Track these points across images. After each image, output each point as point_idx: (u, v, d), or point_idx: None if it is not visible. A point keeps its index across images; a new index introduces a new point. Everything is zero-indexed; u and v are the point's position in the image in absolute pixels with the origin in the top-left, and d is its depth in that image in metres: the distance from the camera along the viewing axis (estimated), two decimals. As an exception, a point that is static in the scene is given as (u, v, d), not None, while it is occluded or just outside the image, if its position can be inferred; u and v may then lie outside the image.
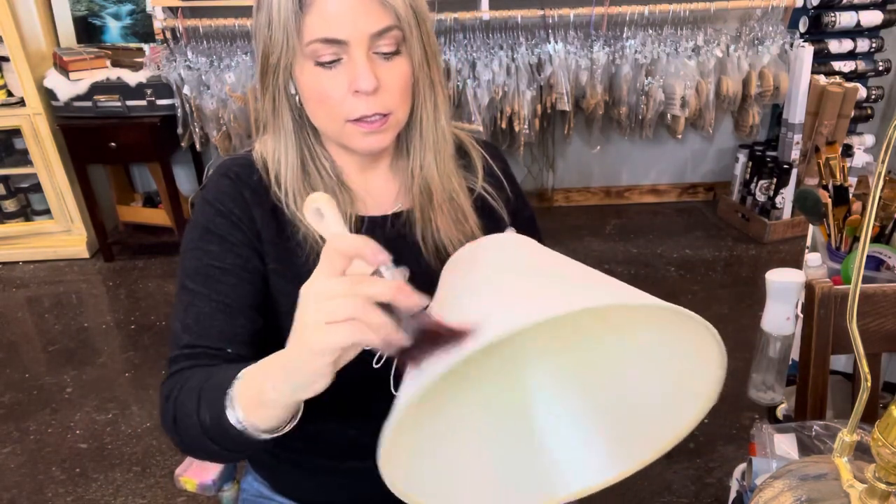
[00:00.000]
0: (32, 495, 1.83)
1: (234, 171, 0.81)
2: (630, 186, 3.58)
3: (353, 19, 0.69)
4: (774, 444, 0.83)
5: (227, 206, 0.79)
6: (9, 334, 2.59)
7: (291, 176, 0.79)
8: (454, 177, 0.85)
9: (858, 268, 0.49)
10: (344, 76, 0.72)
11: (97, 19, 2.98)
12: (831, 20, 2.92)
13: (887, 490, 0.52)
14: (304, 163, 0.80)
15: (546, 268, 0.60)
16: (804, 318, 0.97)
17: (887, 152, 0.45)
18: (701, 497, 1.76)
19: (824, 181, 1.34)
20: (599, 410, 0.67)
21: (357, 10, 0.69)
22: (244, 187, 0.80)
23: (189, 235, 0.80)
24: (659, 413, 0.63)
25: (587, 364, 0.68)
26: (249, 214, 0.79)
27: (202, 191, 0.82)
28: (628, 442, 0.65)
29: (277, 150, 0.80)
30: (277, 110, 0.78)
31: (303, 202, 0.79)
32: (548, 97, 2.91)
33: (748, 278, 2.81)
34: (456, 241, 0.84)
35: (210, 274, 0.76)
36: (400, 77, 0.74)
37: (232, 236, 0.77)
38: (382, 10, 0.70)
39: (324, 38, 0.70)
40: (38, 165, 2.90)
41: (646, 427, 0.64)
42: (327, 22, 0.69)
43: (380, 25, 0.70)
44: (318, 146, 0.82)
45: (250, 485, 0.98)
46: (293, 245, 0.79)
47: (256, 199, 0.80)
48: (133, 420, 2.09)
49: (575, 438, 0.67)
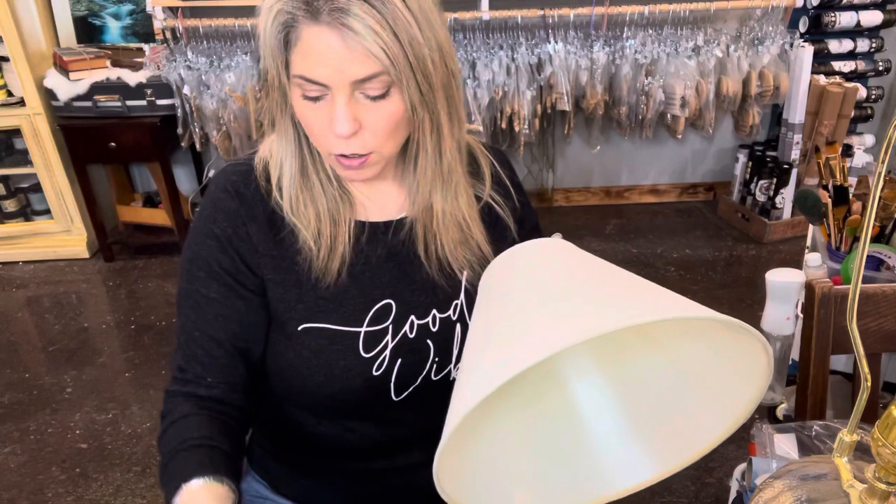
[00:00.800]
0: (32, 495, 1.83)
1: (232, 182, 0.81)
2: (630, 186, 3.58)
3: (336, 65, 0.66)
4: (774, 444, 0.83)
5: (220, 224, 0.79)
6: (9, 334, 2.59)
7: (290, 182, 0.79)
8: (462, 198, 0.83)
9: (858, 268, 0.49)
10: (325, 113, 0.70)
11: (97, 19, 2.98)
12: (831, 20, 2.92)
13: (887, 490, 0.52)
14: (305, 168, 0.80)
15: (590, 278, 0.59)
16: (804, 318, 0.97)
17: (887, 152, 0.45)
18: (701, 497, 1.76)
19: (824, 181, 1.34)
20: (639, 410, 0.67)
21: (341, 57, 0.66)
22: (240, 203, 0.80)
23: (186, 252, 0.81)
24: (699, 415, 0.63)
25: (626, 366, 0.68)
26: (245, 231, 0.79)
27: (202, 200, 0.82)
28: (667, 442, 0.65)
29: (280, 155, 0.80)
30: (279, 117, 0.77)
31: (300, 209, 0.79)
32: (548, 97, 2.91)
33: (748, 278, 2.81)
34: (460, 256, 0.84)
35: (198, 301, 0.78)
36: (385, 118, 0.71)
37: (219, 263, 0.78)
38: (367, 58, 0.66)
39: (305, 77, 0.68)
40: (38, 165, 2.90)
41: (685, 429, 0.64)
42: (310, 64, 0.67)
43: (363, 73, 0.67)
44: (317, 153, 0.81)
45: (250, 485, 0.98)
46: (292, 252, 0.79)
47: (252, 212, 0.79)
48: (133, 420, 2.09)
49: (614, 439, 0.67)
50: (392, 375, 0.82)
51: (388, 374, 0.81)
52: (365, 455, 0.88)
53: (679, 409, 0.65)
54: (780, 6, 2.88)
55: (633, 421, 0.67)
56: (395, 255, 0.83)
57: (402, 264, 0.83)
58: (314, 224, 0.79)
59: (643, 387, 0.67)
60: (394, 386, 0.82)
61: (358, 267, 0.81)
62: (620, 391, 0.68)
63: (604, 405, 0.68)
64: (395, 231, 0.84)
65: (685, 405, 0.64)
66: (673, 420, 0.65)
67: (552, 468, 0.66)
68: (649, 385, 0.66)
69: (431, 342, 0.83)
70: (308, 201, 0.79)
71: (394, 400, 0.83)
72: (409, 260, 0.83)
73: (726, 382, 0.61)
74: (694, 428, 0.64)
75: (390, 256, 0.83)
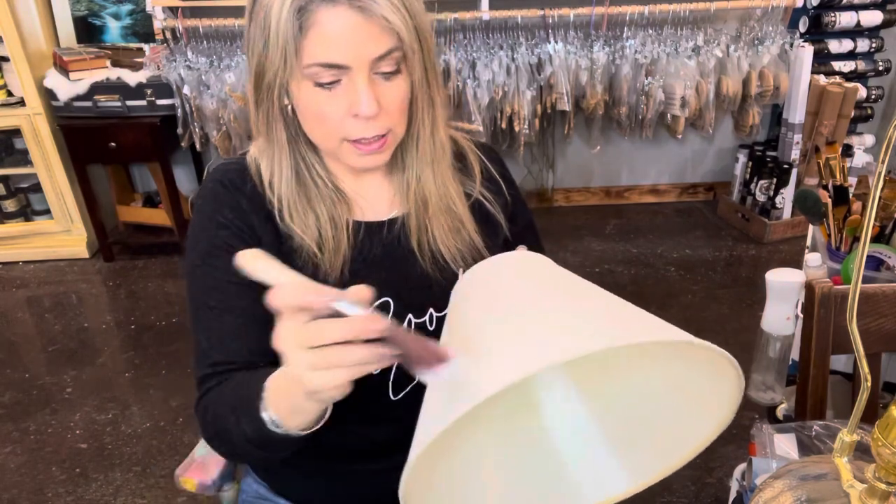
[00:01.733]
0: (32, 495, 1.83)
1: (229, 178, 0.81)
2: (630, 186, 3.58)
3: (354, 44, 0.67)
4: (774, 444, 0.83)
5: (226, 216, 0.78)
6: (9, 334, 2.58)
7: (286, 188, 0.79)
8: (451, 185, 0.85)
9: (858, 268, 0.49)
10: (344, 98, 0.70)
11: (97, 19, 2.98)
12: (831, 20, 2.92)
13: (887, 490, 0.52)
14: (300, 173, 0.79)
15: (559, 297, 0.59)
16: (804, 318, 0.97)
17: (887, 152, 0.45)
18: (701, 497, 1.76)
19: (824, 181, 1.34)
20: (612, 423, 0.67)
21: (359, 34, 0.66)
22: (240, 195, 0.79)
23: (194, 250, 0.79)
24: (674, 427, 0.63)
25: (599, 380, 0.68)
26: (249, 222, 0.79)
27: (198, 199, 0.82)
28: (643, 454, 0.64)
29: (272, 161, 0.79)
30: (271, 123, 0.77)
31: (297, 215, 0.78)
32: (548, 97, 2.91)
33: (748, 278, 2.81)
34: (452, 247, 0.84)
35: (228, 290, 0.76)
36: (399, 96, 0.73)
37: (237, 248, 0.77)
38: (385, 33, 0.68)
39: (324, 63, 0.68)
40: (38, 165, 2.90)
41: (661, 441, 0.64)
42: (328, 46, 0.67)
43: (382, 49, 0.68)
44: (312, 155, 0.81)
45: (249, 486, 0.98)
46: (291, 252, 0.79)
47: (253, 206, 0.79)
48: (133, 420, 2.09)
49: (586, 452, 0.66)
50: (390, 375, 0.82)
51: (385, 373, 0.81)
52: (364, 455, 0.88)
53: (654, 421, 0.64)
54: (780, 6, 2.88)
55: (607, 434, 0.67)
56: (390, 253, 0.84)
57: (397, 262, 0.83)
58: (314, 228, 0.79)
59: (617, 399, 0.66)
60: (392, 385, 0.82)
61: (356, 266, 0.81)
62: (593, 405, 0.68)
63: (576, 418, 0.68)
64: (389, 228, 0.84)
65: (660, 416, 0.64)
66: (648, 432, 0.64)
67: (523, 481, 0.66)
68: (623, 398, 0.66)
69: None
70: (306, 206, 0.79)
71: (392, 399, 0.83)
72: (403, 257, 0.83)
73: (701, 392, 0.60)
74: (670, 438, 0.63)
75: (386, 255, 0.83)
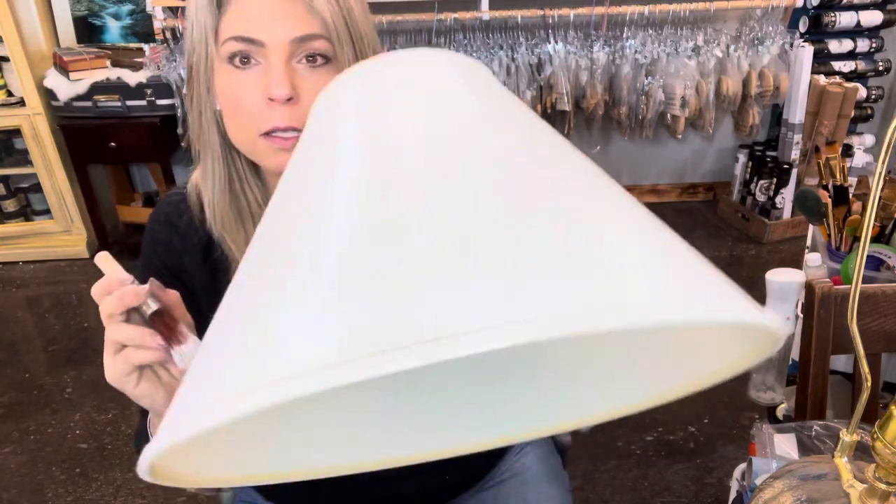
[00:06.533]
0: (32, 495, 1.83)
1: (165, 214, 0.79)
2: (630, 186, 3.57)
3: (272, 20, 0.63)
4: (774, 444, 0.83)
5: (160, 259, 0.78)
6: (9, 334, 2.58)
7: (219, 198, 0.75)
8: None
9: (858, 268, 0.49)
10: (259, 81, 0.65)
11: (97, 19, 2.98)
12: (831, 20, 2.92)
13: (887, 490, 0.52)
14: (232, 184, 0.76)
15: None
16: (804, 318, 0.97)
17: (887, 152, 0.45)
18: (701, 497, 1.76)
19: (824, 181, 1.34)
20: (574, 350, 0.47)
21: (277, 12, 0.63)
22: (173, 232, 0.78)
23: None
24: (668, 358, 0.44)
25: None
26: (180, 263, 0.78)
27: (143, 238, 0.81)
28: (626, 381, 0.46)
29: (205, 169, 0.75)
30: (204, 127, 0.73)
31: (228, 230, 0.75)
32: (548, 97, 2.91)
33: (748, 278, 2.81)
34: None
35: None
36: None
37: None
38: (307, 15, 0.63)
39: (239, 37, 0.64)
40: (38, 165, 2.90)
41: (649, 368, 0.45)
42: (244, 20, 0.64)
43: (301, 31, 0.64)
44: (247, 167, 0.76)
45: (242, 492, 0.98)
46: (227, 279, 0.75)
47: (186, 243, 0.78)
48: (133, 420, 2.09)
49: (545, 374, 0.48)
50: None
51: None
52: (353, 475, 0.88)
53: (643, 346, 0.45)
54: (780, 6, 2.88)
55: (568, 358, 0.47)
56: None
57: None
58: (244, 247, 0.77)
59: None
60: None
61: None
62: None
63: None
64: None
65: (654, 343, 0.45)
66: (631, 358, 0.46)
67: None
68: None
69: None
70: (236, 221, 0.76)
71: None
72: None
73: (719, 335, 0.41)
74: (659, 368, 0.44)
75: None
